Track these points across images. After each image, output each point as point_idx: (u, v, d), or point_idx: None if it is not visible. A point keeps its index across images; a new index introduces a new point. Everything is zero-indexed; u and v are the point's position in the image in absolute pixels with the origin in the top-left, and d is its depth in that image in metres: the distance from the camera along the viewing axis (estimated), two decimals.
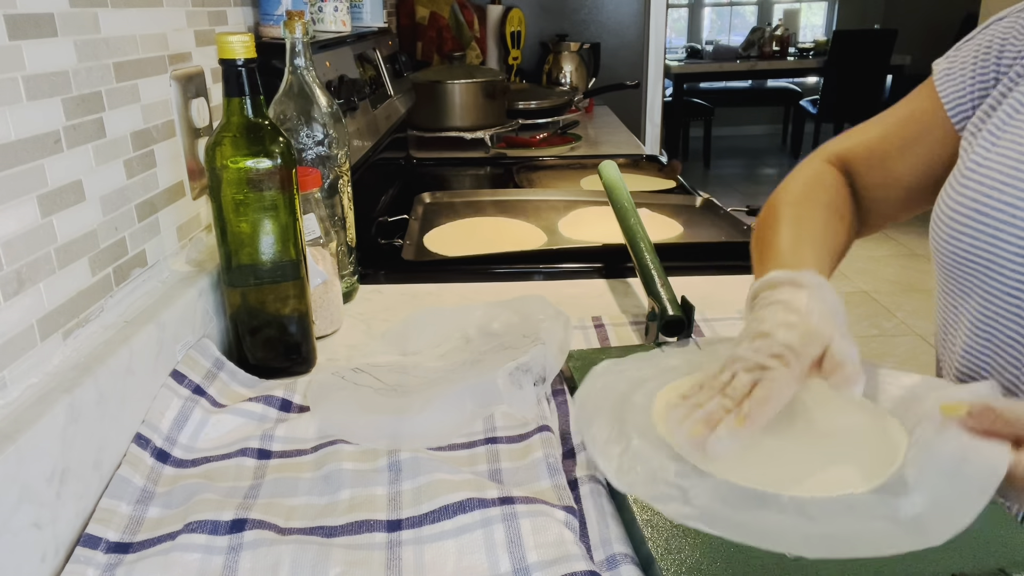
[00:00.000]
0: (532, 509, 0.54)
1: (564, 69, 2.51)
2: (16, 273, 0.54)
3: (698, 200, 1.34)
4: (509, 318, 0.81)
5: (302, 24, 0.82)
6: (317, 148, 0.87)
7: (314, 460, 0.62)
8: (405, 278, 1.03)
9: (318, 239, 0.82)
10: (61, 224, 0.60)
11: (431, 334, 0.83)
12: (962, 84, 0.73)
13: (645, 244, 0.92)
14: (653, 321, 0.80)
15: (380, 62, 1.37)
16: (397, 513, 0.55)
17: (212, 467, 0.62)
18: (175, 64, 0.79)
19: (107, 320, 0.66)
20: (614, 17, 2.68)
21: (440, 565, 0.51)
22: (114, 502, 0.56)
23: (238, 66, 0.69)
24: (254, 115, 0.70)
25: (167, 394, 0.66)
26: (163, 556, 0.51)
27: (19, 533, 0.48)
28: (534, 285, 1.01)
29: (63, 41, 0.60)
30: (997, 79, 0.71)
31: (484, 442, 0.65)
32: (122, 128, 0.69)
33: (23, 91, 0.55)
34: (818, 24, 7.27)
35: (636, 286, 1.00)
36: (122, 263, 0.69)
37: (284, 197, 0.72)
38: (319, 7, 1.15)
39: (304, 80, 0.85)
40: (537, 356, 0.70)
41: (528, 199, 1.39)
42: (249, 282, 0.74)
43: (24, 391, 0.54)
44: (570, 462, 0.62)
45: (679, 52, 6.48)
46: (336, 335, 0.87)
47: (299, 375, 0.77)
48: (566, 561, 0.49)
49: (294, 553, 0.51)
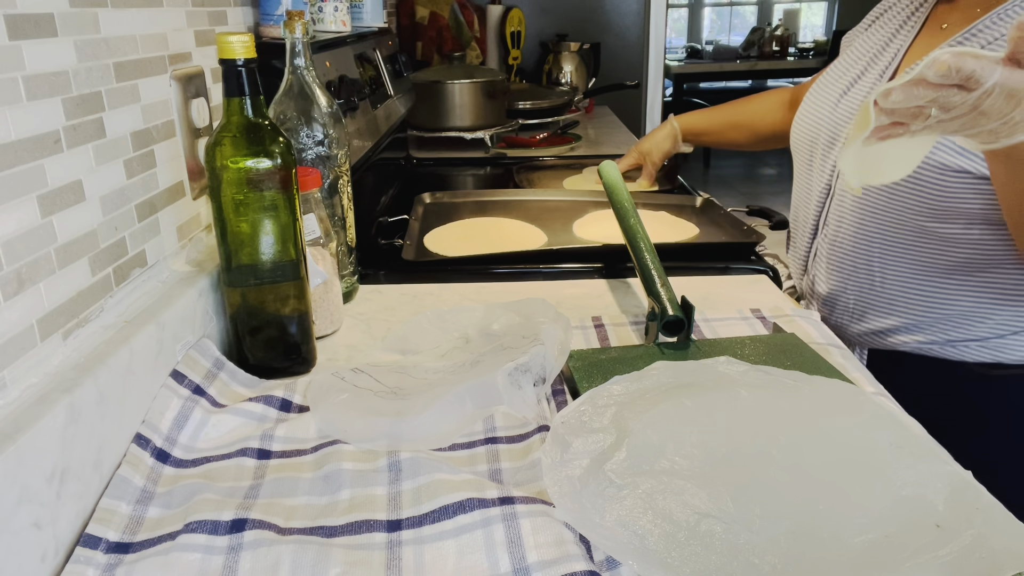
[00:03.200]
0: (532, 509, 0.54)
1: (564, 69, 2.51)
2: (16, 273, 0.54)
3: (698, 200, 1.34)
4: (509, 319, 0.81)
5: (302, 24, 0.82)
6: (317, 148, 0.87)
7: (314, 460, 0.62)
8: (405, 278, 1.03)
9: (318, 239, 0.82)
10: (61, 224, 0.60)
11: (431, 336, 0.83)
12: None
13: (645, 244, 0.91)
14: (653, 321, 0.80)
15: (380, 62, 1.37)
16: (397, 513, 0.55)
17: (212, 467, 0.62)
18: (175, 64, 0.79)
19: (107, 320, 0.66)
20: (614, 17, 2.68)
21: (440, 565, 0.51)
22: (114, 502, 0.56)
23: (238, 66, 0.69)
24: (254, 115, 0.70)
25: (167, 394, 0.66)
26: (163, 556, 0.51)
27: (19, 533, 0.48)
28: (534, 285, 1.01)
29: (63, 41, 0.60)
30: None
31: (484, 442, 0.65)
32: (122, 128, 0.69)
33: (23, 91, 0.55)
34: (818, 24, 7.27)
35: (636, 286, 1.00)
36: (122, 263, 0.69)
37: (284, 197, 0.72)
38: (319, 7, 1.15)
39: (304, 80, 0.85)
40: (537, 356, 0.70)
41: (529, 199, 1.39)
42: (249, 282, 0.74)
43: (24, 391, 0.54)
44: None
45: (679, 52, 6.49)
46: (336, 335, 0.87)
47: (299, 375, 0.77)
48: (566, 561, 0.49)
49: (294, 553, 0.51)
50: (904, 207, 0.86)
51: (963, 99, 0.55)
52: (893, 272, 0.91)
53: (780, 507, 0.52)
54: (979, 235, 0.84)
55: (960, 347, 0.91)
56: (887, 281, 0.92)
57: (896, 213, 0.87)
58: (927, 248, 0.88)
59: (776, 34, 6.08)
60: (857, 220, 0.92)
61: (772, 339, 0.79)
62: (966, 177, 0.81)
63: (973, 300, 0.88)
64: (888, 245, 0.90)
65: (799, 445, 0.59)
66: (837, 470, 0.56)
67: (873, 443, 0.59)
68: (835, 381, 0.68)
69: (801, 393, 0.66)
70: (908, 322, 0.92)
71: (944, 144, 0.81)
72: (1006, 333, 0.89)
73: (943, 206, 0.83)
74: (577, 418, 0.62)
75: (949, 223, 0.85)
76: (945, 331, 0.91)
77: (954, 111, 0.57)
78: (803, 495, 0.54)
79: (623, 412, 0.62)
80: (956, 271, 0.88)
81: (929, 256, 0.88)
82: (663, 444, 0.58)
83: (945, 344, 0.91)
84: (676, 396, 0.64)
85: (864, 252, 0.93)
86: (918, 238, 0.88)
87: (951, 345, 0.91)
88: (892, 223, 0.89)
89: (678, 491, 0.53)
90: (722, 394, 0.64)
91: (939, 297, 0.89)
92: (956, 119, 0.57)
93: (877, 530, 0.50)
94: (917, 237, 0.88)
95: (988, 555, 0.48)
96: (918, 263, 0.89)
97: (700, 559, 0.48)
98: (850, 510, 0.52)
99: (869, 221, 0.91)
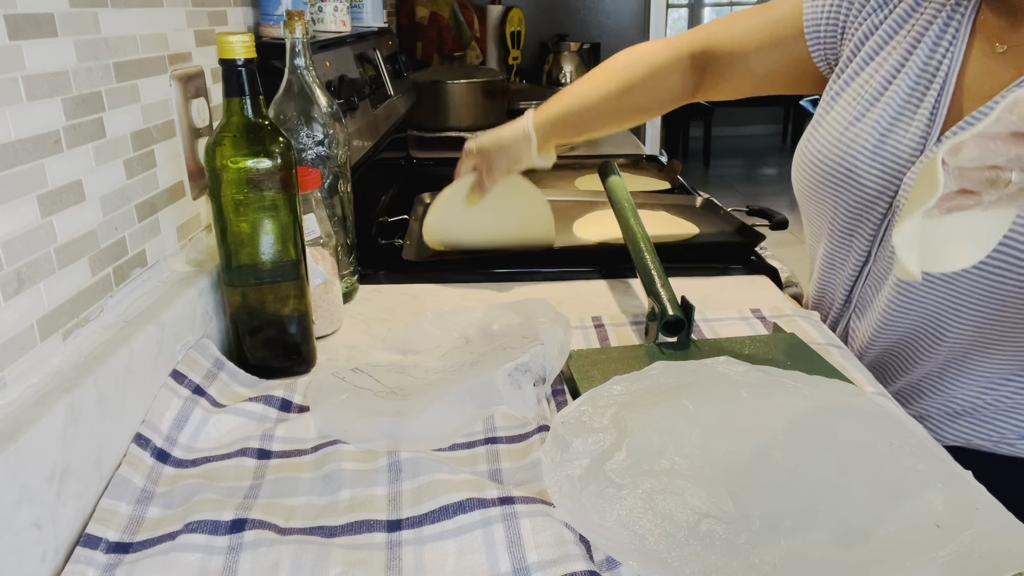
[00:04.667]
0: (532, 509, 0.54)
1: (564, 69, 2.51)
2: (16, 273, 0.54)
3: (698, 200, 1.34)
4: (509, 319, 0.81)
5: (302, 24, 0.82)
6: (317, 148, 0.87)
7: (314, 460, 0.62)
8: (405, 278, 1.03)
9: (318, 239, 0.82)
10: (61, 224, 0.60)
11: (432, 336, 0.83)
12: (821, 13, 0.87)
13: (645, 244, 0.92)
14: (653, 321, 0.80)
15: (380, 62, 1.37)
16: (397, 513, 0.55)
17: (212, 467, 0.62)
18: (175, 64, 0.79)
19: (107, 320, 0.66)
20: (614, 17, 2.68)
21: (440, 565, 0.51)
22: (114, 502, 0.56)
23: (238, 66, 0.69)
24: (254, 115, 0.70)
25: (167, 394, 0.66)
26: (163, 556, 0.51)
27: (19, 533, 0.48)
28: (534, 285, 1.01)
29: (63, 41, 0.60)
30: (844, 29, 0.86)
31: (484, 442, 0.65)
32: (122, 128, 0.69)
33: (23, 91, 0.55)
34: None
35: (636, 286, 1.00)
36: (122, 263, 0.69)
37: (284, 197, 0.72)
38: (319, 7, 1.15)
39: (304, 80, 0.85)
40: (536, 356, 0.70)
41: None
42: (249, 282, 0.74)
43: (24, 391, 0.54)
44: None
45: None
46: (336, 335, 0.87)
47: (299, 375, 0.77)
48: (566, 561, 0.49)
49: (294, 553, 0.51)
50: (996, 290, 0.68)
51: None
52: (971, 373, 0.74)
53: (780, 507, 0.52)
54: None
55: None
56: (961, 384, 0.76)
57: (986, 299, 0.69)
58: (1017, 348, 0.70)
59: None
60: (919, 311, 0.74)
61: (772, 339, 0.79)
62: None
63: None
64: (966, 342, 0.72)
65: (799, 445, 0.59)
66: (837, 470, 0.56)
67: (873, 443, 0.59)
68: (835, 381, 0.68)
69: (801, 393, 0.66)
70: (982, 419, 0.77)
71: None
72: None
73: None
74: (577, 418, 0.62)
75: None
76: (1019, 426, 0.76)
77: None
78: (803, 495, 0.54)
79: (623, 412, 0.62)
80: None
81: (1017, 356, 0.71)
82: (663, 444, 0.58)
83: (1016, 440, 0.76)
84: (676, 396, 0.64)
85: (928, 354, 0.76)
86: (1012, 330, 0.69)
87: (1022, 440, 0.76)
88: (977, 312, 0.70)
89: (678, 491, 0.53)
90: (722, 394, 0.64)
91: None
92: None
93: (877, 530, 0.50)
94: (1012, 329, 0.70)
95: (988, 555, 0.48)
96: (1009, 362, 0.72)
97: (700, 559, 0.48)
98: (850, 510, 0.52)
99: (933, 314, 0.73)
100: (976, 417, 0.77)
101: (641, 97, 0.98)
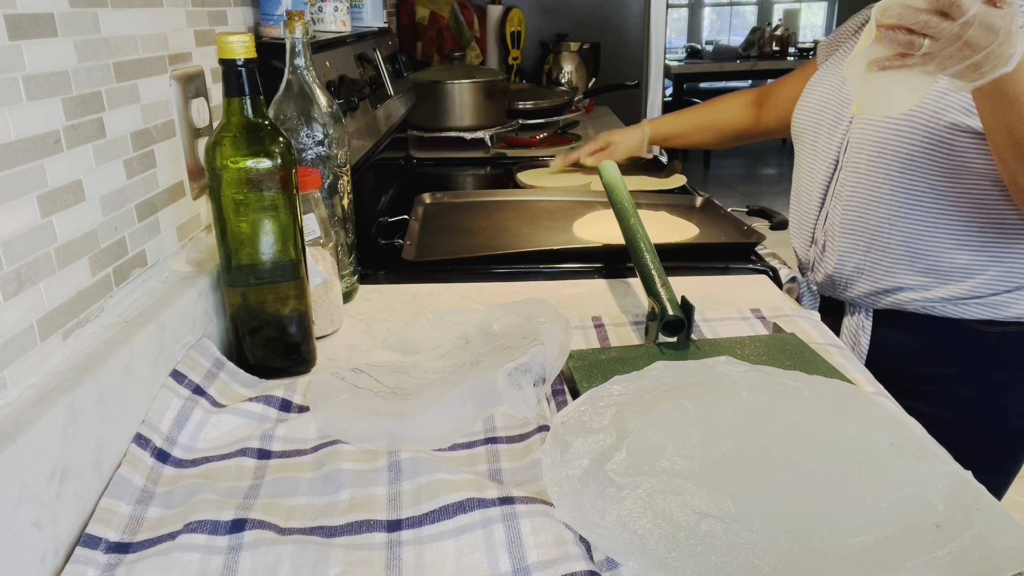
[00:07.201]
0: (532, 509, 0.54)
1: (564, 69, 2.51)
2: (16, 273, 0.54)
3: (698, 200, 1.34)
4: (509, 319, 0.81)
5: (302, 24, 0.82)
6: (317, 148, 0.87)
7: (314, 460, 0.62)
8: (405, 278, 1.03)
9: (318, 239, 0.82)
10: (61, 224, 0.60)
11: (432, 336, 0.83)
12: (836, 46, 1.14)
13: (645, 244, 0.91)
14: (653, 321, 0.80)
15: (380, 62, 1.37)
16: (397, 513, 0.55)
17: (212, 467, 0.62)
18: (175, 64, 0.79)
19: (107, 320, 0.66)
20: (614, 17, 2.67)
21: (440, 565, 0.51)
22: (114, 502, 0.56)
23: (238, 66, 0.69)
24: (254, 115, 0.70)
25: (167, 394, 0.66)
26: (163, 556, 0.51)
27: (19, 533, 0.48)
28: (534, 285, 1.01)
29: (63, 41, 0.60)
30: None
31: (484, 442, 0.65)
32: (122, 128, 0.69)
33: (23, 91, 0.55)
34: (818, 24, 7.28)
35: (636, 286, 1.00)
36: (122, 263, 0.69)
37: (284, 197, 0.72)
38: (319, 7, 1.15)
39: (304, 80, 0.85)
40: (536, 356, 0.70)
41: (529, 199, 1.39)
42: (249, 282, 0.74)
43: (24, 391, 0.54)
44: None
45: (679, 52, 6.49)
46: (336, 335, 0.87)
47: (299, 375, 0.77)
48: (566, 561, 0.49)
49: (294, 553, 0.51)
50: (919, 167, 0.93)
51: (949, 27, 0.65)
52: (905, 231, 0.97)
53: (780, 507, 0.52)
54: (983, 192, 0.91)
55: (960, 305, 0.97)
56: (898, 240, 0.97)
57: (910, 174, 0.94)
58: (936, 206, 0.94)
59: (776, 34, 6.08)
60: (871, 184, 0.98)
61: (772, 339, 0.79)
62: (974, 137, 0.88)
63: (974, 256, 0.94)
64: (901, 205, 0.96)
65: (799, 445, 0.59)
66: (837, 470, 0.56)
67: (873, 443, 0.59)
68: (835, 381, 0.68)
69: (801, 393, 0.66)
70: (914, 281, 0.98)
71: (954, 105, 0.88)
72: (1000, 291, 0.95)
73: (954, 165, 0.90)
74: (577, 418, 0.62)
75: (958, 181, 0.91)
76: (948, 288, 0.96)
77: (942, 40, 0.66)
78: (803, 495, 0.54)
79: (623, 412, 0.62)
80: (961, 228, 0.94)
81: (938, 214, 0.94)
82: (663, 444, 0.58)
83: (946, 302, 0.97)
84: (676, 396, 0.64)
85: (877, 213, 0.98)
86: (929, 197, 0.94)
87: (951, 303, 0.97)
88: (906, 184, 0.95)
89: (678, 491, 0.53)
90: (722, 394, 0.64)
91: (944, 254, 0.95)
92: (944, 49, 0.67)
93: (877, 530, 0.50)
94: (928, 196, 0.94)
95: (988, 555, 0.48)
96: (928, 221, 0.95)
97: (700, 559, 0.48)
98: (850, 510, 0.52)
99: (884, 183, 0.96)
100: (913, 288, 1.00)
101: (711, 126, 1.45)
